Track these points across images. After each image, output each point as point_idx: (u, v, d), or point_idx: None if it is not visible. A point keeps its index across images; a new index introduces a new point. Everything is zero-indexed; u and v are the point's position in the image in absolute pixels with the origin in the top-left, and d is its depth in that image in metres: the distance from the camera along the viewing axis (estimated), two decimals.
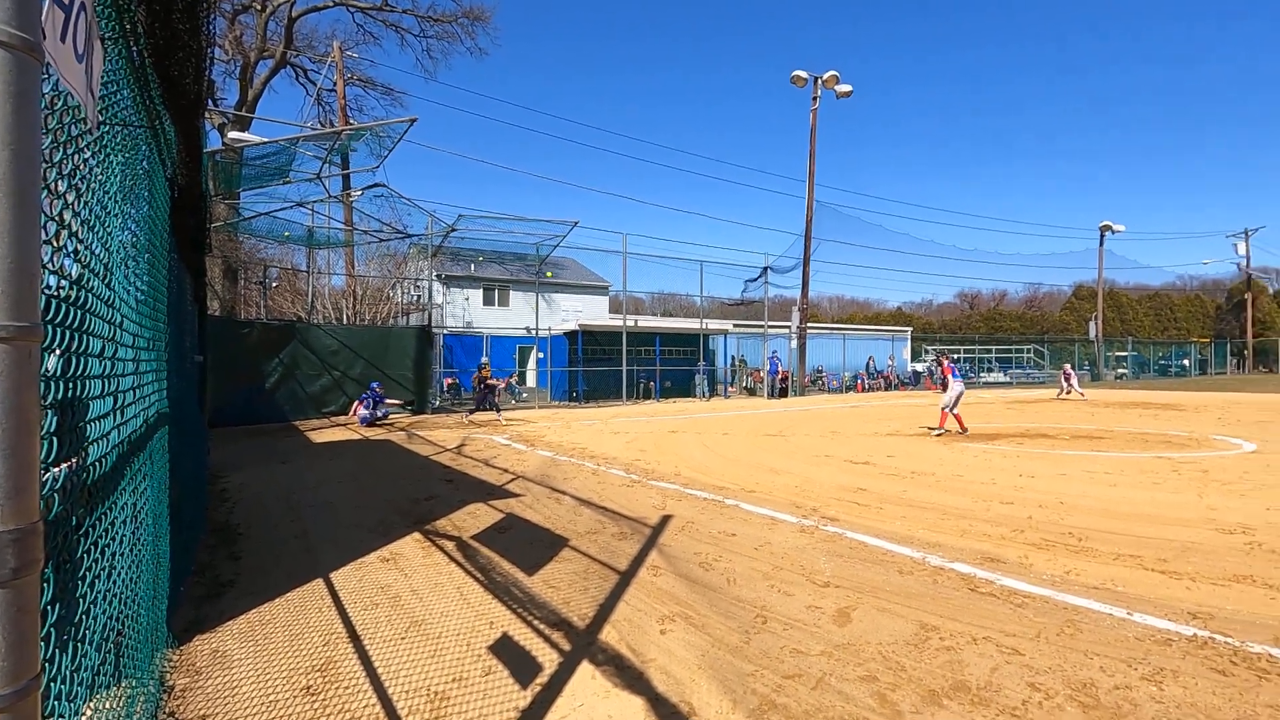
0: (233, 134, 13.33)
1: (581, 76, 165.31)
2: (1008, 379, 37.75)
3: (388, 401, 14.46)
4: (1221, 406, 18.11)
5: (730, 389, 26.49)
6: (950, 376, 11.92)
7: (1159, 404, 19.41)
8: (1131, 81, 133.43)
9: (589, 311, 32.94)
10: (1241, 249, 50.30)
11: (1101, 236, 41.10)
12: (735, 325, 29.27)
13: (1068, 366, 23.90)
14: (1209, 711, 2.51)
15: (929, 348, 40.76)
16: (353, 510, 6.13)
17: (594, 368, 21.87)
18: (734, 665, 2.95)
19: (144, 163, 2.80)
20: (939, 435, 11.70)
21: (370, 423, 13.84)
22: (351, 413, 14.55)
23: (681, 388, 24.21)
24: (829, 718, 2.51)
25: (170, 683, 2.83)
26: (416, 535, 5.21)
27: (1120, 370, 43.43)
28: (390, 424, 14.22)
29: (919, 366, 36.74)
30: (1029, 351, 44.11)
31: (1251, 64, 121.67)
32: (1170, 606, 3.57)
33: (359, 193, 16.25)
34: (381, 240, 19.55)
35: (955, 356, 33.13)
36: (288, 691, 2.75)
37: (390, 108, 29.79)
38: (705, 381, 23.84)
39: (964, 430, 11.94)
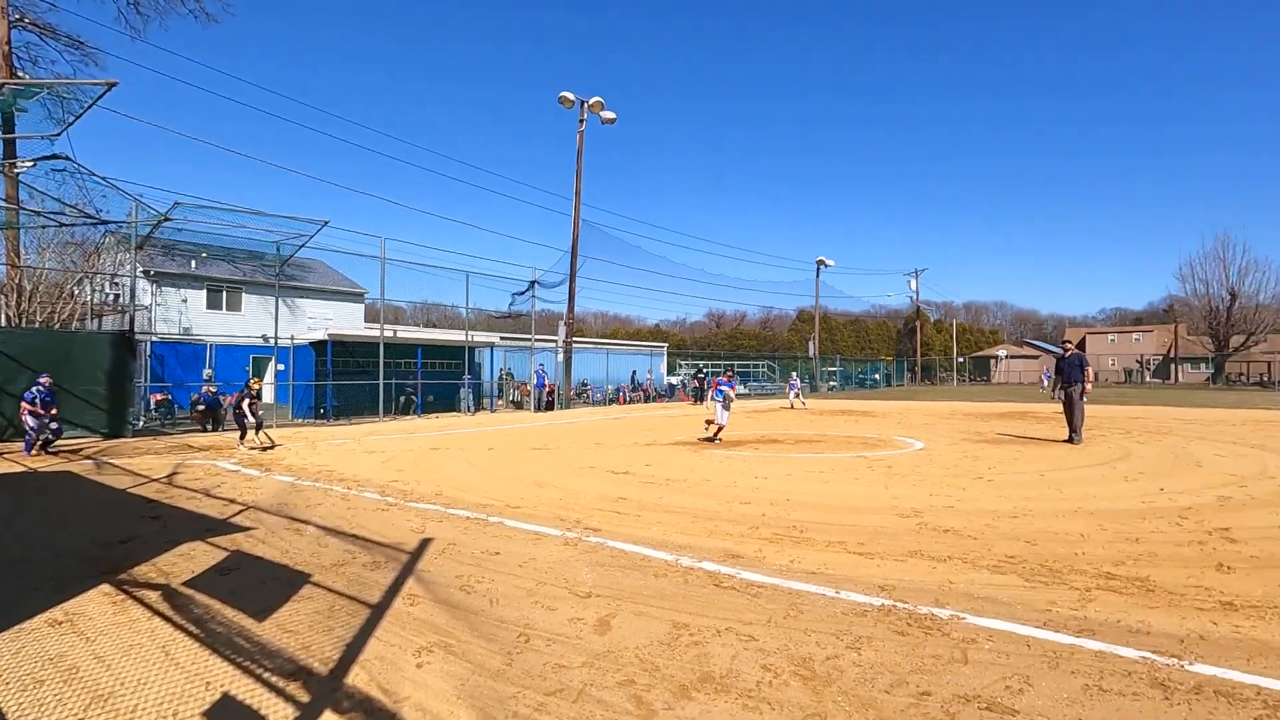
0: None
1: (339, 69, 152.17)
2: (747, 391, 42.49)
3: (53, 413, 11.31)
4: (901, 413, 22.33)
5: (497, 402, 26.10)
6: (720, 390, 13.23)
7: (859, 411, 23.32)
8: (839, 139, 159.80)
9: (341, 320, 30.22)
10: (913, 285, 62.77)
11: (818, 269, 48.46)
12: (502, 338, 29.00)
13: (795, 375, 27.86)
14: (892, 667, 3.04)
15: (683, 363, 44.36)
16: (8, 564, 4.84)
17: (346, 381, 20.05)
18: (495, 690, 2.87)
19: None
20: (717, 442, 12.87)
21: (38, 446, 11.04)
22: (34, 435, 11.32)
23: (446, 402, 23.26)
24: None
25: None
26: (106, 588, 4.27)
27: (831, 383, 51.38)
28: (72, 451, 11.51)
29: (674, 380, 39.71)
30: (764, 367, 50.26)
31: (923, 138, 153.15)
32: (866, 583, 4.27)
33: (29, 164, 13.03)
34: (63, 225, 15.89)
35: (706, 370, 36.43)
36: None
37: (81, 65, 24.32)
38: (471, 395, 23.19)
39: (712, 438, 13.18)
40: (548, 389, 25.21)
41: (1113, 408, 23.04)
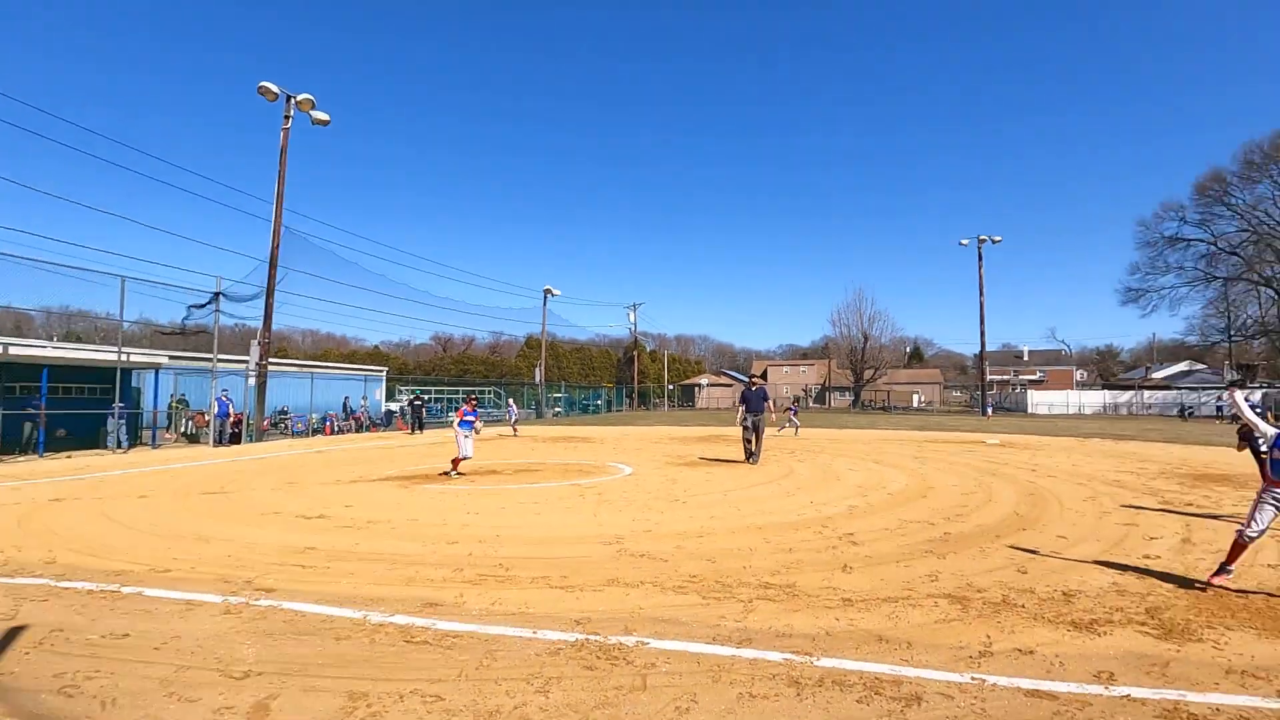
0: None
1: None
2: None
3: None
4: (618, 438, 23.75)
5: (164, 436, 21.67)
6: (466, 421, 12.29)
7: (579, 437, 24.24)
8: (567, 168, 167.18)
9: None
10: (632, 317, 67.97)
11: (545, 298, 49.80)
12: (173, 358, 24.20)
13: (511, 401, 28.17)
14: (577, 706, 3.07)
15: (403, 388, 41.79)
16: None
17: None
18: None
19: None
20: (457, 475, 12.03)
21: None
22: None
23: (86, 437, 18.61)
24: None
25: None
26: None
27: (557, 409, 52.81)
28: None
29: (393, 406, 37.18)
30: (492, 392, 49.75)
31: (641, 175, 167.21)
32: (564, 618, 4.32)
33: None
34: None
35: (427, 395, 34.76)
36: None
37: None
38: (124, 428, 18.86)
39: (452, 470, 12.30)
40: (234, 419, 21.68)
41: (781, 431, 27.33)
